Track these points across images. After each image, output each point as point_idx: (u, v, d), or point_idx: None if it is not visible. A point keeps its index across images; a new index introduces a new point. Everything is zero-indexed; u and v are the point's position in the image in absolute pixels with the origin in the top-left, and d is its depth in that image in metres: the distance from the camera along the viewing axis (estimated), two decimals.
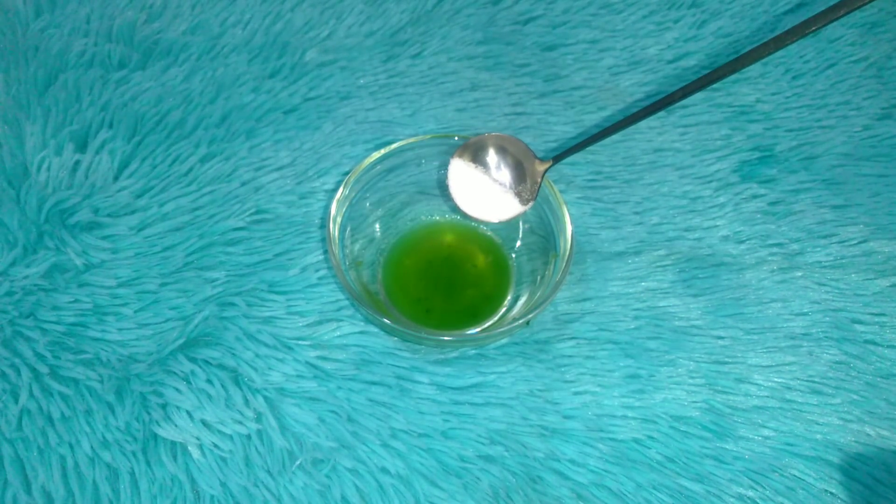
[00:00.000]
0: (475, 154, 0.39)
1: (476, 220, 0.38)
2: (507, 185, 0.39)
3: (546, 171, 0.38)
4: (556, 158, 0.38)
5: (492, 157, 0.39)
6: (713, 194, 0.46)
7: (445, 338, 0.37)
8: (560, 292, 0.39)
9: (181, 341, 0.38)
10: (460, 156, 0.39)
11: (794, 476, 0.37)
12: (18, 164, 0.43)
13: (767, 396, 0.39)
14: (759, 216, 0.45)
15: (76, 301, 0.39)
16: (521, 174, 0.38)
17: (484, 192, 0.38)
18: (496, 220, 0.39)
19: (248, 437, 0.37)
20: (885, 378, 0.40)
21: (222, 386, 0.37)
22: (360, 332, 0.40)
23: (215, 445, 0.36)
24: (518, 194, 0.38)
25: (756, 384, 0.39)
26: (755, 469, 0.37)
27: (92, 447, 0.36)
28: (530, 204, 0.38)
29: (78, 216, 0.41)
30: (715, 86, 0.51)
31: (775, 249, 0.44)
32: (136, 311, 0.39)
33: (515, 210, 0.38)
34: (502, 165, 0.39)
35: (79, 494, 0.35)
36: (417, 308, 0.41)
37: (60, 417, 0.36)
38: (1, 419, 0.36)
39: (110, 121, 0.45)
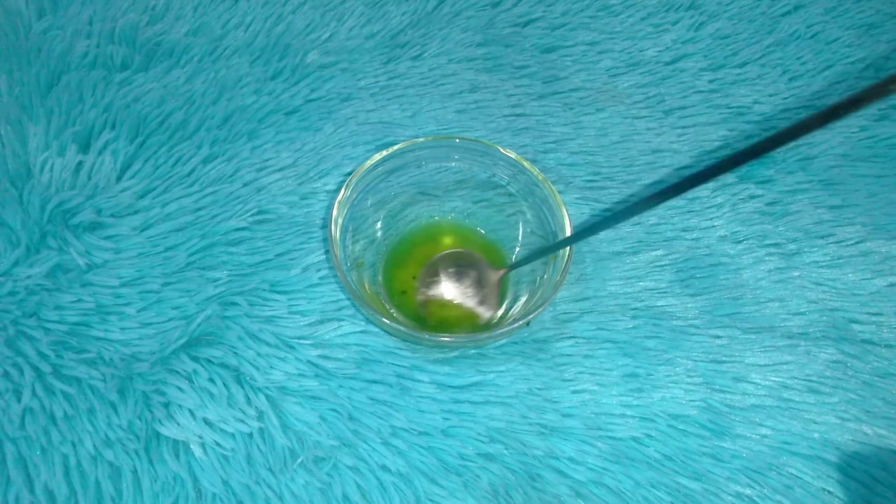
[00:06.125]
0: (437, 272, 0.42)
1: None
2: (471, 294, 0.41)
3: (501, 277, 0.40)
4: (511, 267, 0.40)
5: (452, 272, 0.42)
6: (711, 195, 0.46)
7: (445, 338, 0.37)
8: (559, 292, 0.39)
9: (183, 340, 0.39)
10: (425, 275, 0.41)
11: (792, 474, 0.37)
12: (21, 164, 0.43)
13: (765, 395, 0.39)
14: (756, 216, 0.45)
15: (79, 301, 0.39)
16: (480, 282, 0.41)
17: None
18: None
19: (250, 435, 0.37)
20: (882, 377, 0.40)
21: (224, 384, 0.38)
22: (361, 332, 0.40)
23: (217, 444, 0.36)
24: (482, 302, 0.41)
25: (754, 383, 0.39)
26: (753, 467, 0.37)
27: (94, 446, 0.36)
28: (495, 309, 0.41)
29: (81, 216, 0.41)
30: (713, 87, 0.52)
31: (773, 249, 0.44)
32: (138, 311, 0.40)
33: (483, 318, 0.41)
34: (462, 278, 0.42)
35: (81, 493, 0.35)
36: (418, 308, 0.41)
37: (63, 416, 0.36)
38: (4, 418, 0.36)
39: (113, 122, 0.45)
